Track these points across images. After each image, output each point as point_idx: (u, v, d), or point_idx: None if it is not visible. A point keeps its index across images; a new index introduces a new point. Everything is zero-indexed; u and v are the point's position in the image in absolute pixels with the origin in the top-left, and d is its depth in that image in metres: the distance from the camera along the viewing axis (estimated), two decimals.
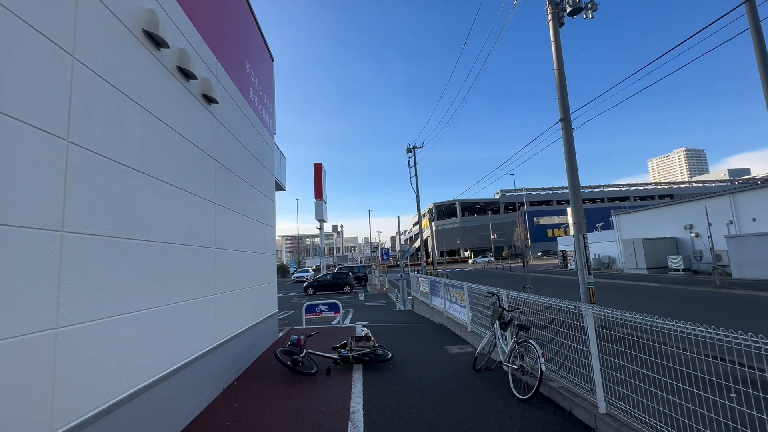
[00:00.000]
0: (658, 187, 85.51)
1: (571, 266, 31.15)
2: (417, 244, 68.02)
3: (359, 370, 5.69)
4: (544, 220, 71.03)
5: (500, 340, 5.14)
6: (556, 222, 68.82)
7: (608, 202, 70.48)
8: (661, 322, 2.90)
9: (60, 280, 2.41)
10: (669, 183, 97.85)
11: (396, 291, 17.91)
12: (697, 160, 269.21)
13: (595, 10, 9.22)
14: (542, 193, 76.21)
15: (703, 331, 2.60)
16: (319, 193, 23.77)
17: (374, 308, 15.84)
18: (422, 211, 33.19)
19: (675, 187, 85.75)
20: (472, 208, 76.90)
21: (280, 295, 22.46)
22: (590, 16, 9.32)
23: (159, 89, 3.77)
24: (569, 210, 39.50)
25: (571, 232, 22.15)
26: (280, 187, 9.63)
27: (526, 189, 73.48)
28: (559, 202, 72.29)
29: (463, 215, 74.06)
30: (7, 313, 2.05)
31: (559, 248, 38.30)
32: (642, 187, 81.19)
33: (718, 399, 2.68)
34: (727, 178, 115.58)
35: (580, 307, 4.00)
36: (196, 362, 4.26)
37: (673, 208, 25.64)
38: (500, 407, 4.13)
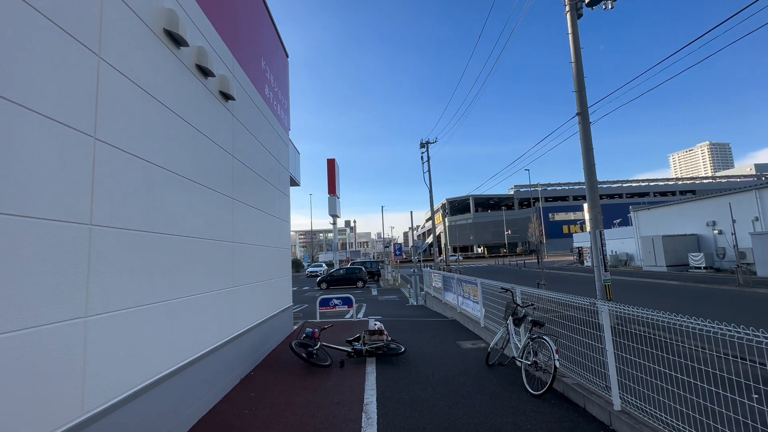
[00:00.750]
0: (680, 182, 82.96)
1: (587, 263, 30.59)
2: (430, 239, 67.86)
3: (372, 364, 5.77)
4: (560, 216, 69.72)
5: (513, 335, 5.13)
6: (572, 218, 67.39)
7: (627, 197, 68.66)
8: (679, 320, 2.85)
9: (89, 272, 2.53)
10: (691, 178, 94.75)
11: (408, 286, 17.94)
12: (721, 155, 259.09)
13: (615, 0, 8.92)
14: (558, 188, 74.88)
15: (722, 328, 2.53)
16: (332, 189, 23.93)
17: (387, 303, 15.91)
18: (435, 207, 33.03)
19: (697, 182, 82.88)
20: (486, 203, 76.20)
21: (294, 289, 22.80)
22: (610, 7, 9.00)
23: (179, 87, 3.87)
24: (585, 206, 38.70)
25: (588, 228, 21.73)
26: (294, 183, 9.73)
27: (542, 184, 72.35)
28: (575, 198, 70.88)
29: (476, 211, 73.49)
30: (39, 302, 2.17)
31: (575, 245, 37.64)
32: (662, 183, 78.93)
33: (737, 398, 2.63)
34: (754, 173, 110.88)
35: (595, 303, 3.97)
36: (216, 351, 4.40)
37: (695, 204, 24.85)
38: (513, 402, 4.14)
